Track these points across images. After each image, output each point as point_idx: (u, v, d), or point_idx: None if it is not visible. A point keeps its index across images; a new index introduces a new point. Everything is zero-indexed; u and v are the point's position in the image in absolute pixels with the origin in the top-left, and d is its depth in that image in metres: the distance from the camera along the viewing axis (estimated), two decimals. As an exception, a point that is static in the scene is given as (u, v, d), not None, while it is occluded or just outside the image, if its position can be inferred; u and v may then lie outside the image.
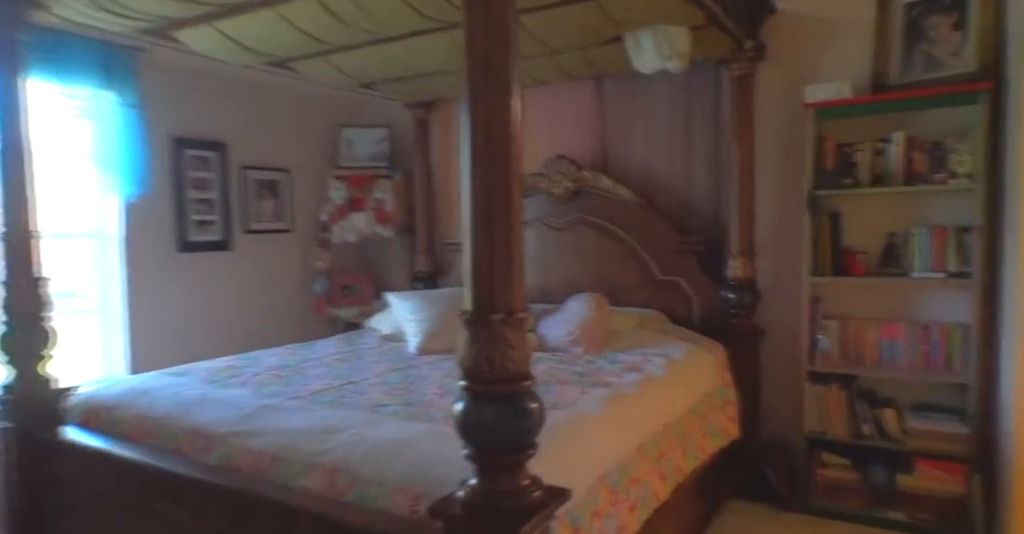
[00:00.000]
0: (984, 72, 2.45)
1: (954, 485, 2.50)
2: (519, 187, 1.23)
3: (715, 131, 3.20)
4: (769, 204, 3.07)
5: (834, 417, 2.75)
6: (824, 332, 2.82)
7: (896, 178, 2.64)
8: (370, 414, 1.92)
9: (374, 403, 2.05)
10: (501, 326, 1.20)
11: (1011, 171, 2.26)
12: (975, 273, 2.45)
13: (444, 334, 2.91)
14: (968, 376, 2.49)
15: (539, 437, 1.26)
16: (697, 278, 3.19)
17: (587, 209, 3.49)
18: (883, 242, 2.76)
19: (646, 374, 2.42)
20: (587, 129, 3.61)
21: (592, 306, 2.95)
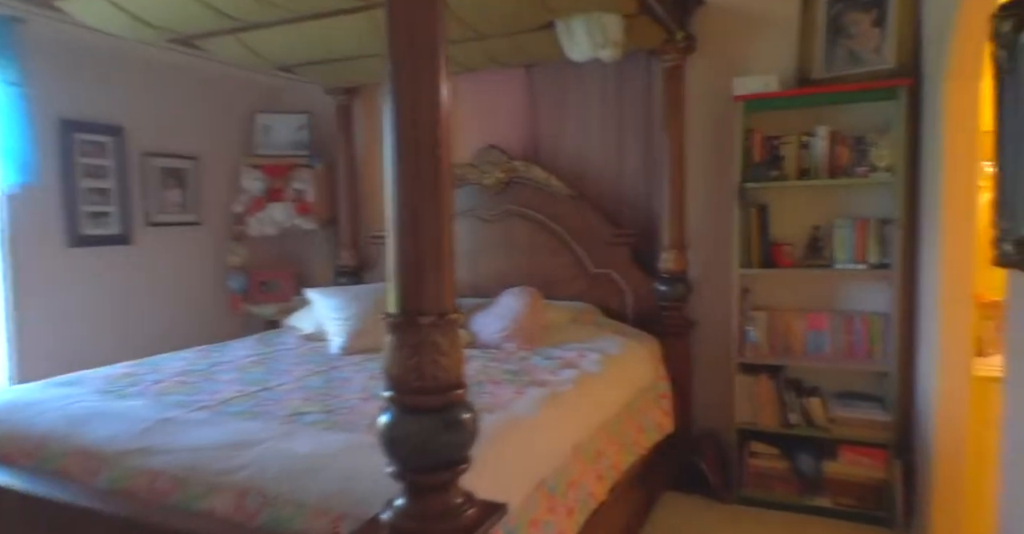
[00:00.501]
0: (902, 68, 2.52)
1: (875, 470, 2.58)
2: (449, 176, 1.11)
3: (647, 122, 3.17)
4: (700, 196, 3.08)
5: (764, 407, 2.79)
6: (753, 324, 2.85)
7: (821, 171, 2.68)
8: (287, 424, 1.75)
9: (292, 411, 1.87)
10: (431, 330, 1.07)
11: (929, 165, 2.33)
12: (894, 264, 2.52)
13: (370, 333, 2.75)
14: (888, 364, 2.57)
15: (473, 447, 1.15)
16: (630, 271, 3.16)
17: (519, 201, 3.39)
18: (808, 234, 2.82)
19: (582, 371, 2.35)
20: (518, 118, 3.51)
21: (526, 301, 2.87)
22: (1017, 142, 1.26)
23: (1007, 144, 1.30)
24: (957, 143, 2.07)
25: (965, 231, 2.08)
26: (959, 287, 2.10)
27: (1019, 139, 1.26)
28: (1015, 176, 1.27)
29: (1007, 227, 1.30)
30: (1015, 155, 1.27)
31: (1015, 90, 1.27)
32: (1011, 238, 1.28)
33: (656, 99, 3.09)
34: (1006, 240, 1.30)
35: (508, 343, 2.74)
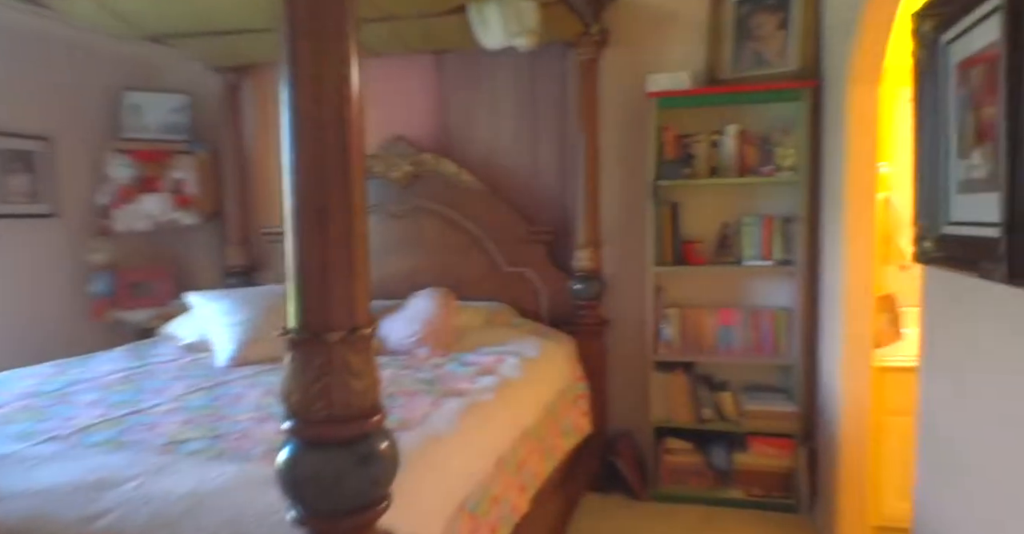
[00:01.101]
0: (805, 71, 2.60)
1: (783, 459, 2.67)
2: (361, 164, 0.94)
3: (561, 117, 3.10)
4: (614, 193, 3.05)
5: (678, 404, 2.80)
6: (667, 321, 2.86)
7: (730, 170, 2.72)
8: (162, 456, 1.49)
9: (169, 439, 1.61)
10: (341, 348, 0.90)
11: (831, 165, 2.41)
12: (798, 261, 2.61)
13: (264, 341, 2.48)
14: (793, 357, 2.66)
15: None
16: (545, 269, 3.08)
17: (428, 196, 3.22)
18: (718, 232, 2.86)
19: (501, 377, 2.23)
20: (426, 109, 3.33)
21: (438, 303, 2.71)
22: (936, 142, 1.27)
23: (926, 144, 1.32)
24: (859, 145, 2.14)
25: (866, 229, 2.16)
26: (861, 283, 2.18)
27: (938, 139, 1.26)
28: (933, 175, 1.28)
29: (927, 225, 1.31)
30: (933, 155, 1.28)
31: (934, 90, 1.28)
32: (931, 236, 1.29)
33: (570, 93, 3.03)
34: (926, 238, 1.31)
35: (420, 349, 2.57)
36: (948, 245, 1.23)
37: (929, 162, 1.29)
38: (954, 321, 1.27)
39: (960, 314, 1.24)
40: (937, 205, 1.27)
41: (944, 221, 1.25)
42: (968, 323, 1.21)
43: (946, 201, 1.24)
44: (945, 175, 1.24)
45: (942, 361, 1.34)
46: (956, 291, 1.24)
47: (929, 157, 1.30)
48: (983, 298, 1.12)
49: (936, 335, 1.39)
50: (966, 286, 1.18)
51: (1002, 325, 1.08)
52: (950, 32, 1.21)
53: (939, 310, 1.34)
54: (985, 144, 1.08)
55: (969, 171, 1.15)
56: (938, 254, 1.26)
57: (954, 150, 1.22)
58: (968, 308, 1.20)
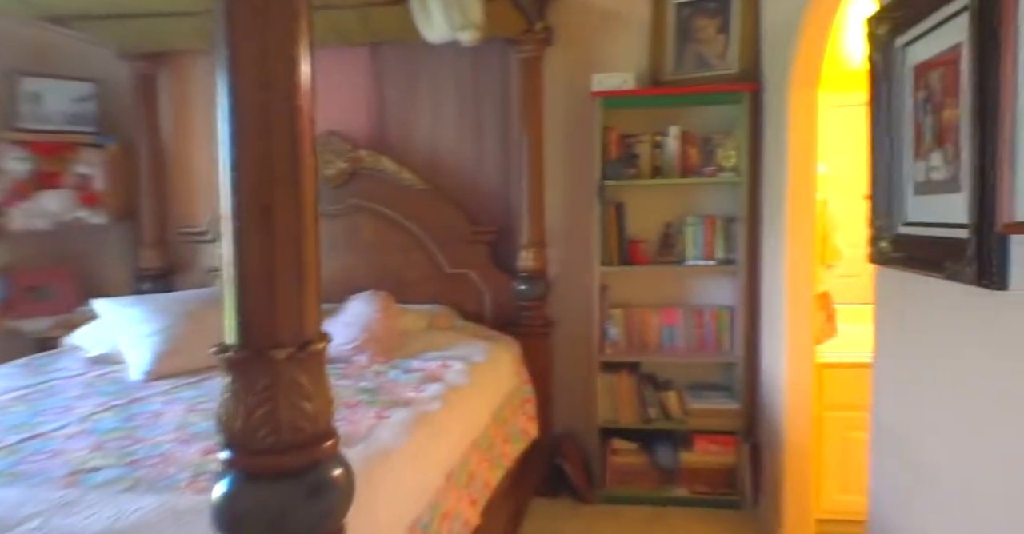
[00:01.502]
0: (744, 74, 2.64)
1: (726, 456, 2.70)
2: (312, 154, 0.83)
3: (505, 115, 3.03)
4: (559, 193, 3.01)
5: (624, 404, 2.79)
6: (612, 321, 2.84)
7: (673, 170, 2.74)
8: (67, 489, 1.31)
9: (75, 468, 1.41)
10: (289, 366, 0.79)
11: (771, 167, 2.46)
12: (740, 260, 2.65)
13: (184, 351, 2.28)
14: (735, 355, 2.70)
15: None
16: (489, 270, 3.00)
17: (365, 194, 3.07)
18: (661, 232, 2.87)
19: (448, 384, 2.13)
20: (363, 103, 3.18)
21: (377, 306, 2.57)
22: (891, 144, 1.28)
23: (882, 146, 1.33)
24: (800, 147, 2.19)
25: (806, 230, 2.21)
26: (802, 282, 2.23)
27: (894, 141, 1.28)
28: (890, 177, 1.29)
29: (883, 225, 1.33)
30: (889, 157, 1.30)
31: (890, 93, 1.29)
32: (887, 236, 1.30)
33: (514, 91, 2.96)
34: (882, 238, 1.32)
35: (360, 356, 2.43)
36: (906, 246, 1.24)
37: (885, 164, 1.31)
38: (908, 320, 1.29)
39: (915, 313, 1.26)
40: (893, 206, 1.28)
41: (901, 222, 1.26)
42: (923, 322, 1.23)
43: (902, 202, 1.26)
44: (901, 177, 1.25)
45: (896, 359, 1.36)
46: (911, 291, 1.25)
47: (885, 159, 1.31)
48: (941, 298, 1.13)
49: (890, 334, 1.41)
50: (922, 286, 1.19)
51: (960, 324, 1.09)
52: (906, 35, 1.22)
53: (893, 309, 1.35)
54: (945, 146, 1.09)
55: (927, 173, 1.15)
56: (895, 255, 1.27)
57: (910, 152, 1.23)
58: (924, 308, 1.21)
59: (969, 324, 1.04)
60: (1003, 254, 0.92)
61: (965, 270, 0.98)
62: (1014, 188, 0.85)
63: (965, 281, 0.99)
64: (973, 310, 1.02)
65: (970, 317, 1.03)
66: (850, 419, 2.26)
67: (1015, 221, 0.85)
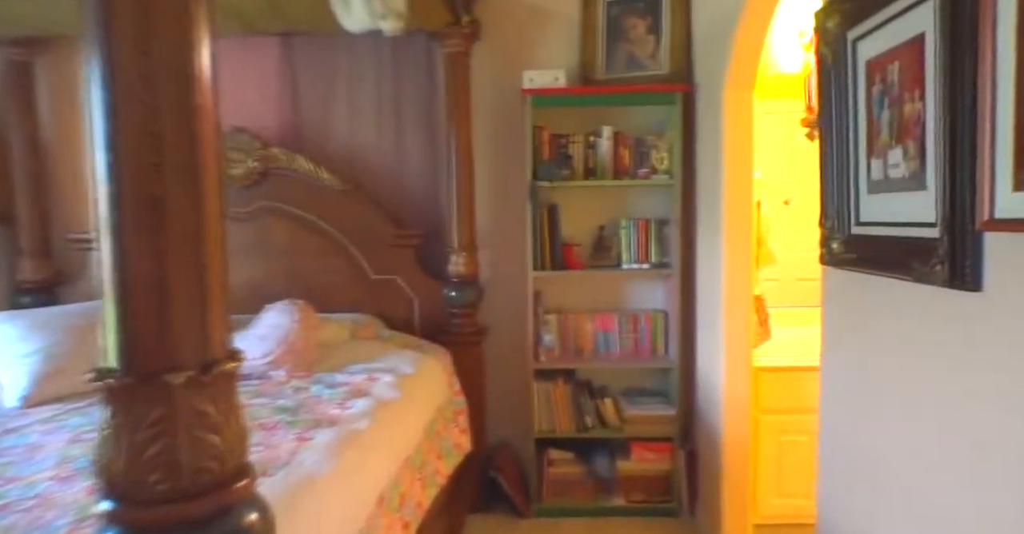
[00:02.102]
0: (675, 75, 2.61)
1: (662, 463, 2.65)
2: (217, 136, 0.66)
3: (430, 112, 2.87)
4: (489, 194, 2.88)
5: (560, 413, 2.69)
6: (546, 327, 2.74)
7: (606, 172, 2.67)
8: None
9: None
10: (189, 394, 0.62)
11: (705, 169, 2.43)
12: (674, 263, 2.61)
13: (67, 372, 1.98)
14: (671, 360, 2.66)
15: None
16: (416, 276, 2.83)
17: (278, 195, 2.83)
18: (595, 234, 2.80)
19: (376, 399, 1.95)
20: (273, 98, 2.93)
21: (295, 316, 2.34)
22: (843, 141, 1.24)
23: (832, 143, 1.28)
24: (736, 149, 2.16)
25: (743, 232, 2.19)
26: (740, 285, 2.20)
27: (845, 138, 1.23)
28: (842, 175, 1.25)
29: (833, 225, 1.28)
30: (841, 154, 1.25)
31: (841, 88, 1.25)
32: (839, 237, 1.26)
33: (439, 86, 2.81)
34: (834, 239, 1.28)
35: (277, 371, 2.20)
36: (860, 246, 1.19)
37: (837, 162, 1.26)
38: (862, 323, 1.25)
39: (871, 316, 1.21)
40: (845, 206, 1.24)
41: (854, 222, 1.22)
42: (880, 325, 1.18)
43: (856, 201, 1.21)
44: (855, 175, 1.21)
45: (848, 363, 1.32)
46: (867, 293, 1.20)
47: (836, 157, 1.26)
48: (902, 300, 1.09)
49: (840, 337, 1.37)
50: (881, 288, 1.15)
51: (926, 327, 1.05)
52: (858, 28, 1.18)
53: (844, 312, 1.31)
54: (906, 142, 1.04)
55: (885, 170, 1.11)
56: (848, 256, 1.23)
57: (863, 149, 1.18)
58: (882, 311, 1.17)
59: (937, 327, 0.99)
60: (977, 254, 0.87)
61: (935, 271, 0.93)
62: (994, 183, 0.80)
63: (935, 283, 0.93)
64: (941, 312, 0.97)
65: (938, 319, 0.98)
66: (785, 422, 2.26)
67: (995, 218, 0.80)
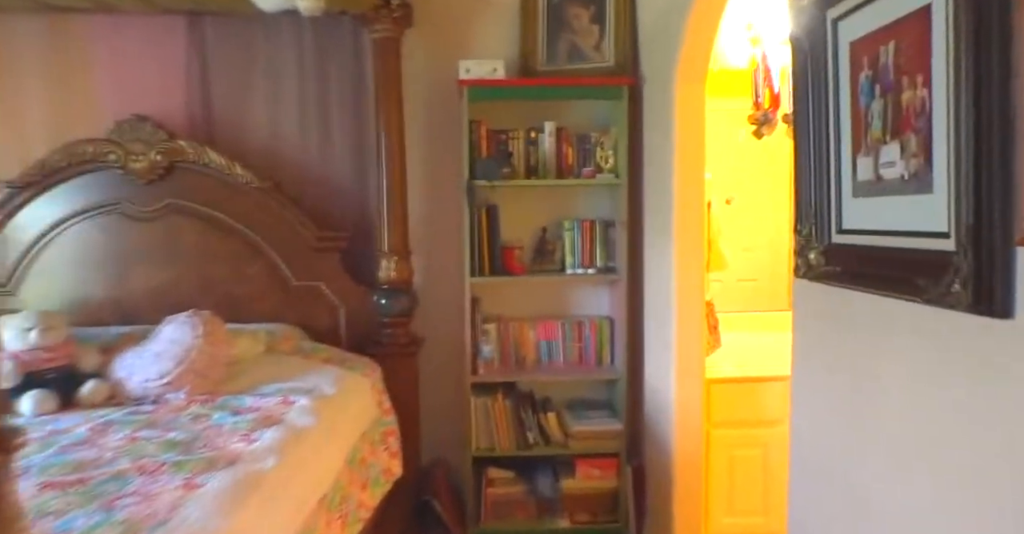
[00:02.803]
0: (621, 68, 2.44)
1: (608, 481, 2.48)
2: None
3: (358, 102, 2.60)
4: (423, 193, 2.64)
5: (501, 429, 2.47)
6: (485, 337, 2.51)
7: (549, 170, 2.47)
8: None
9: None
10: None
11: (654, 167, 2.27)
12: (620, 268, 2.44)
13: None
14: (618, 371, 2.49)
15: None
16: (343, 282, 2.55)
17: (186, 193, 2.50)
18: (536, 237, 2.60)
19: (289, 427, 1.67)
20: (180, 85, 2.59)
21: (199, 330, 2.03)
22: (822, 136, 1.07)
23: (807, 140, 1.11)
24: (687, 146, 2.00)
25: (695, 235, 2.03)
26: (692, 291, 2.05)
27: (825, 133, 1.07)
28: (820, 176, 1.08)
29: (810, 233, 1.11)
30: (819, 151, 1.08)
31: (819, 75, 1.08)
32: (817, 247, 1.09)
33: (367, 75, 2.54)
34: (810, 249, 1.11)
35: (174, 394, 1.89)
36: (844, 258, 1.03)
37: (814, 160, 1.09)
38: (844, 344, 1.08)
39: (855, 337, 1.05)
40: (825, 211, 1.07)
41: (835, 229, 1.05)
42: (868, 347, 1.02)
43: (837, 206, 1.05)
44: (837, 175, 1.04)
45: (825, 391, 1.15)
46: (851, 312, 1.04)
47: (814, 155, 1.10)
48: (896, 324, 0.92)
49: (816, 359, 1.20)
50: (867, 308, 0.98)
51: (937, 353, 0.88)
52: (839, 6, 1.01)
53: (821, 332, 1.15)
54: (905, 136, 0.87)
55: (876, 170, 0.94)
56: (829, 268, 1.06)
57: (848, 146, 1.02)
58: (870, 332, 1.00)
59: (951, 358, 0.82)
60: (1008, 273, 0.70)
61: (952, 292, 0.76)
62: (1039, 186, 0.63)
63: (953, 306, 0.77)
64: (958, 341, 0.80)
65: (953, 350, 0.82)
66: (737, 437, 2.12)
67: (1040, 229, 0.64)
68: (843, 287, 1.03)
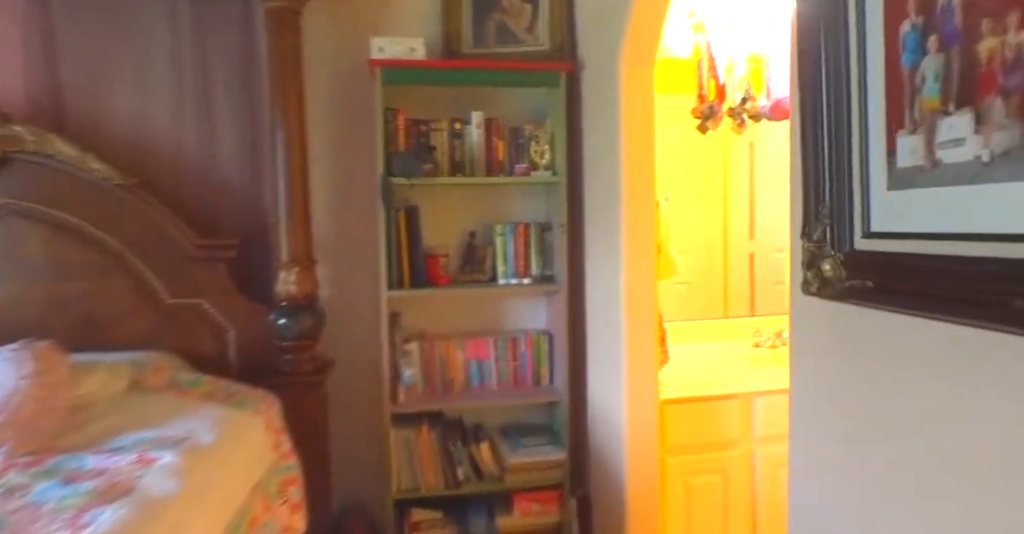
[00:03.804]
0: (557, 52, 2.16)
1: (550, 515, 2.19)
2: None
3: (248, 85, 2.20)
4: (330, 193, 2.26)
5: (426, 465, 2.13)
6: (407, 359, 2.17)
7: (478, 167, 2.16)
8: None
9: None
10: None
11: (599, 162, 2.00)
12: (559, 277, 2.16)
13: None
14: (558, 392, 2.20)
15: None
16: (231, 298, 2.13)
17: (27, 192, 2.02)
18: (464, 243, 2.28)
19: (140, 500, 1.26)
20: (18, 59, 2.11)
21: (27, 368, 1.56)
22: (838, 114, 0.82)
23: (814, 120, 0.86)
24: (636, 139, 1.75)
25: (645, 238, 1.78)
26: (643, 301, 1.80)
27: (841, 109, 0.81)
28: (835, 165, 0.83)
29: (821, 237, 0.86)
30: (833, 134, 0.83)
31: (831, 33, 0.83)
32: (833, 255, 0.84)
33: (262, 54, 2.14)
34: (824, 258, 0.86)
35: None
36: (876, 270, 0.78)
37: (829, 145, 0.84)
38: (879, 388, 0.83)
39: (902, 381, 0.79)
40: (845, 209, 0.82)
41: (860, 232, 0.80)
42: (916, 392, 0.77)
43: (863, 202, 0.80)
44: (862, 162, 0.79)
45: (844, 443, 0.90)
46: (891, 343, 0.78)
47: (829, 138, 0.84)
48: (977, 363, 0.67)
49: (829, 404, 0.93)
50: (920, 337, 0.73)
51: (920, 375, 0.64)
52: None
53: (840, 369, 0.89)
54: (987, 100, 0.63)
55: (930, 151, 0.70)
56: (855, 283, 0.81)
57: (880, 122, 0.77)
58: (937, 375, 0.74)
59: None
60: None
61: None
62: None
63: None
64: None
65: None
66: (693, 463, 1.88)
67: None
68: (879, 308, 0.78)
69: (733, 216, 2.51)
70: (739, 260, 2.52)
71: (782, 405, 1.88)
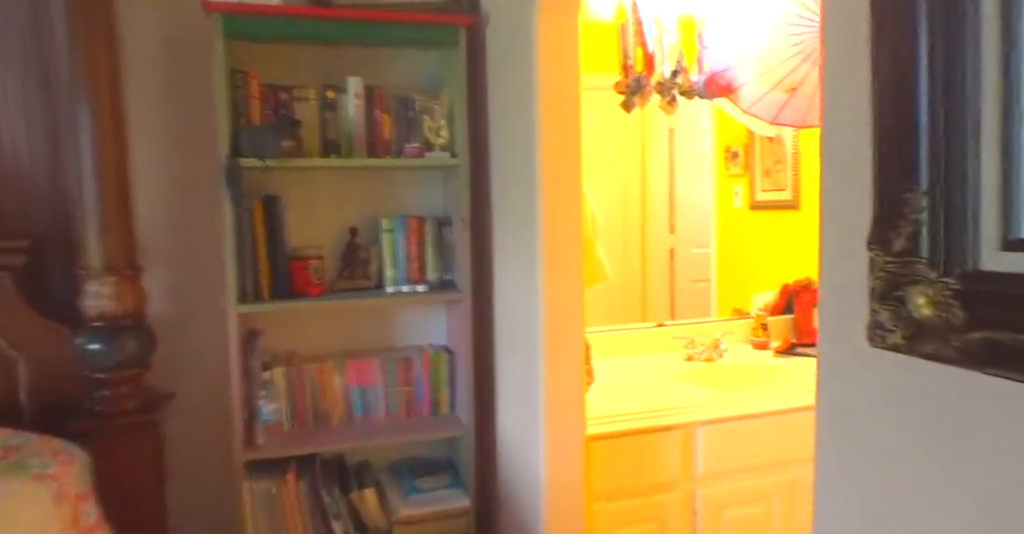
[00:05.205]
0: (456, 3, 1.70)
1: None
2: None
3: (41, 42, 1.59)
4: (155, 179, 1.69)
5: (292, 523, 1.63)
6: (268, 390, 1.65)
7: (357, 146, 1.67)
8: None
9: None
10: None
11: (510, 140, 1.56)
12: (461, 282, 1.71)
13: None
14: (461, 423, 1.76)
15: None
16: (19, 318, 1.54)
17: None
18: (342, 242, 1.78)
19: None
20: None
21: None
22: (953, 71, 0.43)
23: (902, 82, 0.47)
24: (559, 109, 1.33)
25: (570, 236, 1.37)
26: (567, 312, 1.39)
27: (956, 61, 0.43)
28: (949, 146, 0.44)
29: (919, 250, 0.47)
30: (950, 99, 0.44)
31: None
32: (936, 282, 0.45)
33: (56, 4, 1.54)
34: (920, 285, 0.47)
35: None
36: (1020, 308, 0.40)
37: (937, 117, 0.45)
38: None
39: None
40: (964, 195, 0.43)
41: (996, 240, 0.42)
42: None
43: (1003, 196, 0.41)
44: (1004, 138, 0.41)
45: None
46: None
47: (937, 108, 0.45)
48: None
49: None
50: None
51: None
52: None
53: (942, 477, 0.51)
54: None
55: None
56: (987, 335, 0.42)
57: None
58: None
59: None
60: None
61: None
62: None
63: None
64: None
65: None
66: (624, 510, 1.50)
67: None
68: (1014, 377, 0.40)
69: (652, 209, 2.19)
70: (658, 257, 2.21)
71: (728, 435, 1.57)
